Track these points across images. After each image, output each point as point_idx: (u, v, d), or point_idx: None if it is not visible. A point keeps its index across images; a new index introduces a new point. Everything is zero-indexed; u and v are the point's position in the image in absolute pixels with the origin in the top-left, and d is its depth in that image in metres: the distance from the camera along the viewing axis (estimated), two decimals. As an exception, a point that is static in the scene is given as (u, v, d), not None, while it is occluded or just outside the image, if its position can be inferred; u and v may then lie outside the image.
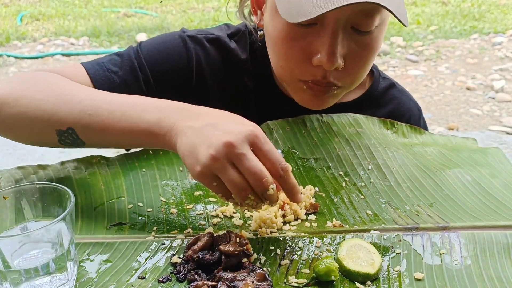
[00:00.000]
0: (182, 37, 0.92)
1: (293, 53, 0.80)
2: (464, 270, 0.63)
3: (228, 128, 0.63)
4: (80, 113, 0.71)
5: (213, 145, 0.61)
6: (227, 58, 0.94)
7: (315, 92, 0.83)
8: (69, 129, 0.72)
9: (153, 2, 6.35)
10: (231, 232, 0.65)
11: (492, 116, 3.38)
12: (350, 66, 0.80)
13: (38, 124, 0.74)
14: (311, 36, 0.77)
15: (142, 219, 0.73)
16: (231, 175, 0.61)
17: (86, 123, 0.71)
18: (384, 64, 4.29)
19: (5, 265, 0.57)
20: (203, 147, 0.62)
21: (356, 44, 0.79)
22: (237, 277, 0.59)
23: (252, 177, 0.61)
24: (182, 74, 0.91)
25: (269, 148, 0.63)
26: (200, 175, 0.62)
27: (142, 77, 0.88)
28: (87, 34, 5.03)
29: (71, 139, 0.74)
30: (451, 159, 0.87)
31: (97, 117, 0.71)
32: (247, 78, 0.96)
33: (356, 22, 0.76)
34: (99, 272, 0.63)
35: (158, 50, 0.90)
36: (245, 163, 0.61)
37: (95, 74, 0.84)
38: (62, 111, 0.72)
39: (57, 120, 0.72)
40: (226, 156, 0.61)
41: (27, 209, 0.63)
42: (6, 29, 5.13)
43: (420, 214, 0.73)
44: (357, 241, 0.66)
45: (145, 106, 0.70)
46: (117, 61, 0.88)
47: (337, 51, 0.76)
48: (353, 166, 0.84)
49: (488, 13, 5.59)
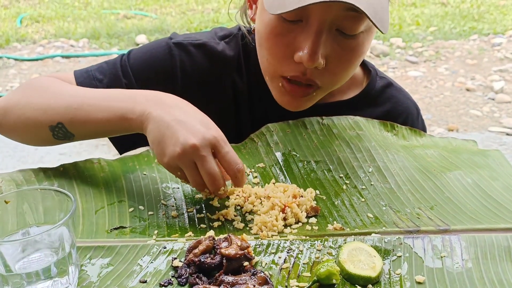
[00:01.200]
0: (168, 44, 0.95)
1: (278, 48, 0.82)
2: (465, 273, 0.63)
3: (195, 130, 0.71)
4: (67, 109, 0.79)
5: (179, 143, 0.69)
6: (215, 61, 0.96)
7: (291, 93, 0.85)
8: (59, 124, 0.79)
9: (153, 3, 6.36)
10: (232, 235, 0.65)
11: (492, 117, 3.39)
12: (332, 67, 0.81)
13: (34, 123, 0.81)
14: (296, 32, 0.79)
15: (143, 222, 0.73)
16: (191, 172, 0.71)
17: (72, 117, 0.78)
18: (383, 65, 4.29)
19: (6, 269, 0.57)
20: (170, 141, 0.70)
21: (340, 46, 0.80)
22: (238, 281, 0.59)
23: (207, 177, 0.71)
24: (166, 81, 0.94)
25: (228, 151, 0.72)
26: (167, 165, 0.72)
27: (125, 82, 0.92)
28: (87, 36, 5.03)
29: (62, 133, 0.80)
30: (452, 161, 0.87)
31: (81, 110, 0.78)
32: (237, 77, 0.97)
33: (342, 25, 0.78)
34: (100, 276, 0.63)
35: (143, 58, 0.94)
36: (204, 164, 0.70)
37: (82, 83, 0.91)
38: (52, 108, 0.80)
39: (48, 117, 0.80)
40: (190, 156, 0.70)
41: (29, 213, 0.63)
42: (6, 31, 5.12)
43: (421, 216, 0.73)
44: (358, 244, 0.66)
45: (122, 96, 0.78)
46: (104, 69, 0.94)
47: (319, 50, 0.78)
48: (353, 169, 0.84)
49: (487, 14, 5.59)
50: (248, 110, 0.98)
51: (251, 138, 0.91)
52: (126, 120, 0.75)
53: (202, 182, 0.72)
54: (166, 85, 0.93)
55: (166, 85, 0.93)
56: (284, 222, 0.73)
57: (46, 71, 4.22)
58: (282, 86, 0.85)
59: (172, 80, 0.94)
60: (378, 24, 0.74)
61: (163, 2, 6.42)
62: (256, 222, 0.72)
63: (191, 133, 0.70)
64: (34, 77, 0.92)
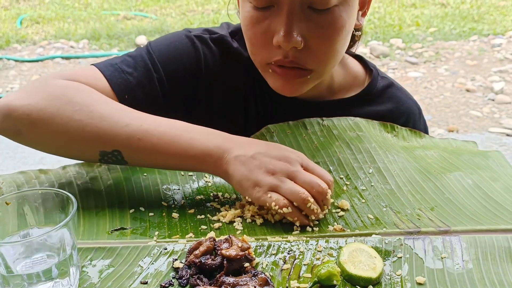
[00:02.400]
0: (189, 37, 0.94)
1: (257, 36, 0.83)
2: (466, 274, 0.63)
3: (279, 154, 0.72)
4: (129, 138, 0.73)
5: (270, 167, 0.71)
6: (230, 58, 0.96)
7: (282, 76, 0.84)
8: (114, 151, 0.75)
9: (153, 4, 6.36)
10: (233, 236, 0.65)
11: (492, 118, 3.39)
12: (314, 46, 0.81)
13: (79, 144, 0.75)
14: (270, 18, 0.80)
15: (144, 223, 0.73)
16: (289, 184, 0.70)
17: (135, 147, 0.74)
18: (383, 66, 4.29)
19: (7, 271, 0.57)
20: (261, 170, 0.71)
21: (316, 23, 0.80)
22: (239, 282, 0.59)
23: (309, 185, 0.70)
24: (192, 73, 0.93)
25: (315, 166, 0.74)
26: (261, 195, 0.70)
27: (156, 77, 0.89)
28: (87, 37, 5.03)
29: (115, 160, 0.76)
30: (452, 162, 0.87)
31: (146, 141, 0.73)
32: (247, 76, 0.97)
33: (312, 1, 0.78)
34: (101, 278, 0.63)
35: (168, 50, 0.92)
36: (301, 177, 0.71)
37: (111, 76, 0.85)
38: (109, 134, 0.74)
39: (103, 143, 0.74)
40: (284, 172, 0.71)
41: (30, 214, 0.63)
42: (6, 32, 5.13)
43: (421, 217, 0.73)
44: (359, 245, 0.66)
45: (194, 132, 0.75)
46: (130, 62, 0.89)
47: (293, 29, 0.78)
48: (354, 170, 0.84)
49: (487, 14, 5.60)
50: (254, 108, 0.99)
51: (251, 139, 0.91)
52: (201, 162, 0.73)
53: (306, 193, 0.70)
54: (192, 78, 0.93)
55: (192, 77, 0.93)
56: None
57: (46, 72, 4.22)
58: (272, 71, 0.85)
59: (197, 73, 0.93)
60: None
61: (163, 3, 6.42)
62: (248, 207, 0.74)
63: (278, 157, 0.72)
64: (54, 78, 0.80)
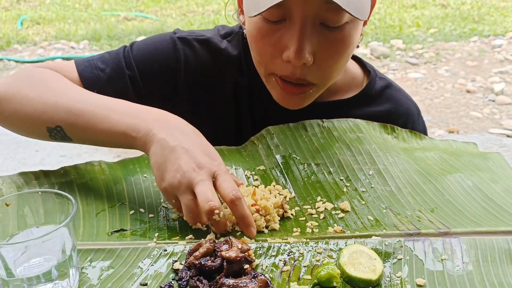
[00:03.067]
0: (172, 38, 0.95)
1: (266, 49, 0.82)
2: (466, 276, 0.63)
3: (198, 160, 0.69)
4: (68, 113, 0.77)
5: (181, 171, 0.68)
6: (218, 58, 0.96)
7: (287, 91, 0.85)
8: (57, 127, 0.78)
9: (153, 5, 6.37)
10: (233, 238, 0.65)
11: (492, 119, 3.39)
12: (321, 62, 0.81)
13: (31, 121, 0.80)
14: (281, 32, 0.80)
15: (143, 225, 0.73)
16: (188, 200, 0.68)
17: (73, 123, 0.77)
18: (384, 67, 4.29)
19: (7, 273, 0.57)
20: (172, 167, 0.69)
21: (327, 40, 0.80)
22: (239, 284, 0.59)
23: (201, 198, 0.66)
24: (170, 74, 0.94)
25: (225, 179, 0.69)
26: (164, 190, 0.70)
27: (129, 74, 0.91)
28: (88, 38, 5.04)
29: (60, 135, 0.79)
30: (452, 164, 0.87)
31: (82, 117, 0.76)
32: (239, 75, 0.98)
33: (325, 18, 0.78)
34: (101, 279, 0.63)
35: (148, 50, 0.94)
36: (199, 187, 0.67)
37: (83, 71, 0.90)
38: (51, 110, 0.78)
39: (46, 118, 0.78)
40: (189, 184, 0.67)
41: (30, 215, 0.63)
42: (7, 33, 5.13)
43: (422, 219, 0.73)
44: (359, 247, 0.66)
45: (126, 109, 0.76)
46: (106, 59, 0.92)
47: (305, 47, 0.78)
48: (354, 171, 0.84)
49: (487, 15, 5.60)
50: (249, 109, 0.99)
51: (251, 141, 0.91)
52: (129, 137, 0.74)
53: (196, 211, 0.68)
54: (169, 79, 0.94)
55: (169, 78, 0.94)
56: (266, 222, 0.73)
57: (46, 73, 4.22)
58: (276, 83, 0.85)
59: (176, 74, 0.94)
60: (353, 11, 0.74)
61: (163, 4, 6.43)
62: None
63: (196, 163, 0.68)
64: (33, 66, 0.89)
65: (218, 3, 6.35)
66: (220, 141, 0.89)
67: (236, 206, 0.68)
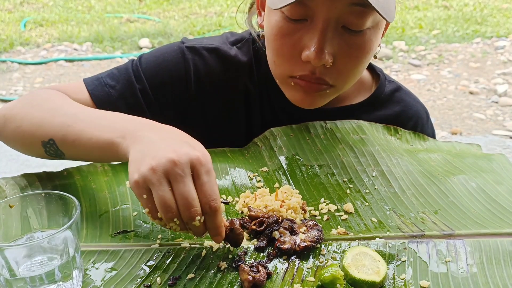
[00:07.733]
0: (181, 48, 0.95)
1: (285, 48, 0.82)
2: (470, 278, 0.63)
3: (177, 147, 0.62)
4: (60, 125, 0.75)
5: (156, 157, 0.60)
6: (228, 65, 0.96)
7: (305, 88, 0.84)
8: (50, 140, 0.76)
9: (156, 7, 6.38)
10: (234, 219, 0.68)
11: (495, 120, 3.38)
12: (341, 65, 0.81)
13: (28, 136, 0.79)
14: (302, 32, 0.79)
15: (147, 226, 0.73)
16: (163, 191, 0.60)
17: (64, 134, 0.74)
18: (386, 68, 4.29)
19: (11, 274, 0.57)
20: (148, 157, 0.61)
21: (347, 43, 0.79)
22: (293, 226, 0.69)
23: (182, 201, 0.60)
24: (180, 84, 0.93)
25: (208, 180, 0.61)
26: (135, 184, 0.61)
27: (139, 87, 0.90)
28: (90, 40, 5.05)
29: (53, 150, 0.77)
30: (456, 165, 0.87)
31: (73, 128, 0.73)
32: (249, 81, 0.97)
33: (348, 22, 0.78)
34: (104, 280, 0.63)
35: (156, 62, 0.93)
36: (180, 185, 0.60)
37: (94, 90, 0.89)
38: (46, 124, 0.76)
39: (42, 133, 0.77)
40: (165, 172, 0.60)
41: (33, 217, 0.63)
42: (10, 35, 5.15)
43: (425, 221, 0.73)
44: (362, 249, 0.66)
45: (115, 118, 0.72)
46: (115, 75, 0.91)
47: (325, 48, 0.77)
48: (357, 173, 0.84)
49: (490, 17, 5.58)
50: (259, 114, 0.98)
51: (254, 142, 0.91)
52: (113, 144, 0.68)
53: (173, 207, 0.60)
54: (180, 89, 0.93)
55: (179, 88, 0.93)
56: None
57: (49, 74, 4.24)
58: (295, 84, 0.84)
59: (186, 83, 0.94)
60: (382, 12, 0.74)
61: (166, 6, 6.44)
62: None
63: (173, 149, 0.61)
64: (40, 88, 0.88)
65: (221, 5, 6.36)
66: (230, 147, 0.89)
67: (211, 216, 0.62)
